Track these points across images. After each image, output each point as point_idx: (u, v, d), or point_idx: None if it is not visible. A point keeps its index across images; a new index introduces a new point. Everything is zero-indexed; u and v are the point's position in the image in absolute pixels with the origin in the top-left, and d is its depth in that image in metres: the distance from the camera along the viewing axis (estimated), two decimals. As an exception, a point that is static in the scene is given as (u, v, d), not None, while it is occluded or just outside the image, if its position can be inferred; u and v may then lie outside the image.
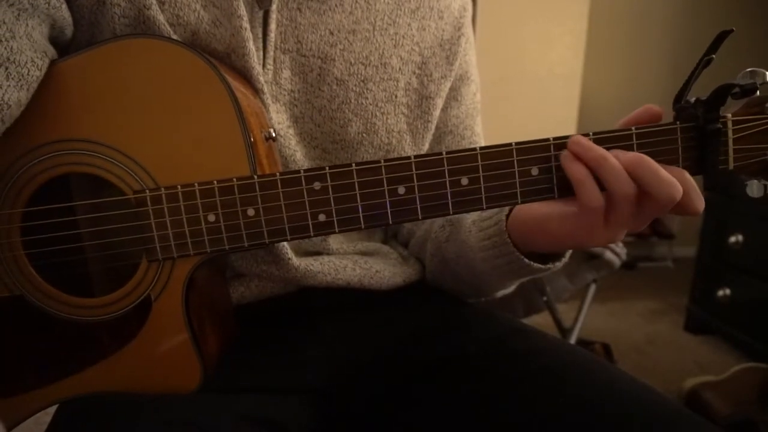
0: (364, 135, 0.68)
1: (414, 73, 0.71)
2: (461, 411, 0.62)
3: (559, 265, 0.65)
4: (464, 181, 0.53)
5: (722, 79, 0.52)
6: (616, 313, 2.69)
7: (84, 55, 0.55)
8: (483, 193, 0.54)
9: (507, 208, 0.62)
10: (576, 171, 0.52)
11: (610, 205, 0.53)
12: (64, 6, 0.55)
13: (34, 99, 0.53)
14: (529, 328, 0.71)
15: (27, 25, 0.52)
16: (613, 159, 0.51)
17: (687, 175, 0.53)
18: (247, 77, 0.61)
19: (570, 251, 0.65)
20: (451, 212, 0.54)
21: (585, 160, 0.52)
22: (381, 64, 0.68)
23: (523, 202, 0.55)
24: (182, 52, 0.54)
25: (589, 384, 0.59)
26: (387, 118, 0.69)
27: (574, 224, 0.55)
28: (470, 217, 0.68)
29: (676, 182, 0.51)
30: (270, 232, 0.54)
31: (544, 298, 1.88)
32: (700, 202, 0.53)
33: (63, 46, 0.60)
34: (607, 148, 0.52)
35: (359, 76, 0.67)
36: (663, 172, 0.51)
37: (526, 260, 0.62)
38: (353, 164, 0.53)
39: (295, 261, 0.65)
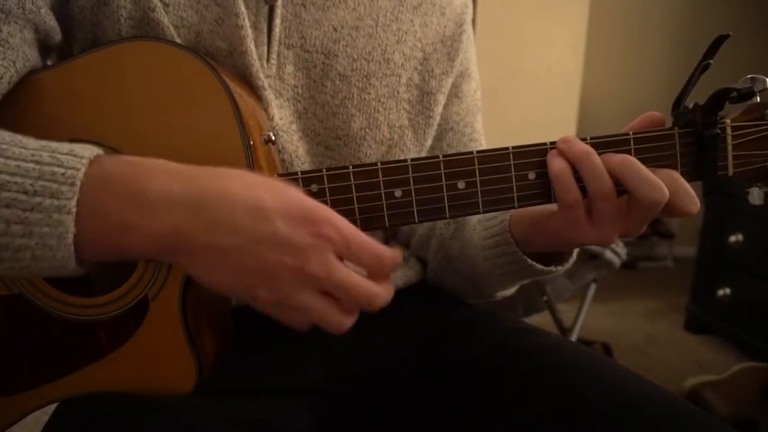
0: (366, 130, 0.69)
1: (416, 68, 0.72)
2: (465, 412, 0.62)
3: (561, 269, 0.65)
4: (461, 184, 0.53)
5: (725, 85, 0.52)
6: (616, 312, 2.69)
7: (85, 58, 0.55)
8: (480, 197, 0.54)
9: None
10: (555, 166, 0.53)
11: (590, 202, 0.53)
12: (44, 10, 0.56)
13: (36, 101, 0.54)
14: (532, 327, 0.71)
15: (1, 30, 0.52)
16: (596, 156, 0.52)
17: (677, 176, 0.53)
18: (247, 75, 0.61)
19: (574, 256, 0.65)
20: (447, 216, 0.54)
21: (568, 155, 0.53)
22: (384, 59, 0.69)
23: (519, 207, 0.55)
24: (182, 55, 0.54)
25: (594, 382, 0.59)
26: (389, 114, 0.70)
27: (560, 220, 0.56)
28: (475, 216, 0.69)
29: (660, 184, 0.51)
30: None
31: (545, 298, 1.88)
32: (691, 204, 0.53)
33: (58, 48, 0.61)
34: (604, 153, 0.53)
35: (362, 71, 0.67)
36: (646, 173, 0.51)
37: (529, 260, 0.62)
38: (350, 166, 0.53)
39: None
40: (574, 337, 1.92)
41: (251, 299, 0.46)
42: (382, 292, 0.46)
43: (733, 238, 2.21)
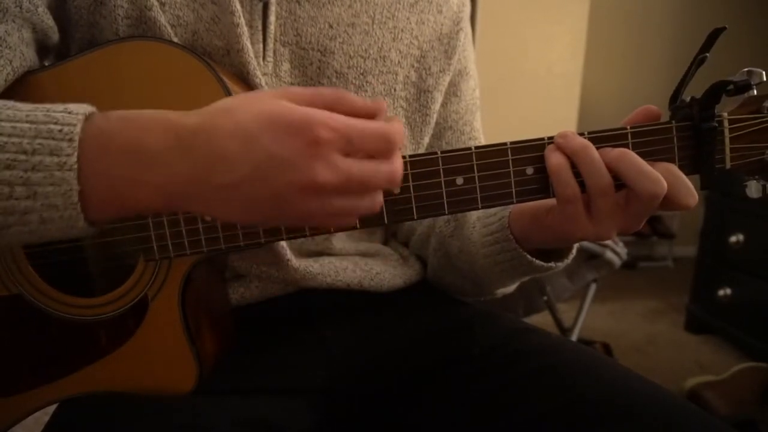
0: None
1: (413, 66, 0.72)
2: (465, 412, 0.62)
3: (561, 265, 0.65)
4: (459, 180, 0.53)
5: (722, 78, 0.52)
6: (616, 313, 2.68)
7: (82, 58, 0.55)
8: (478, 192, 0.54)
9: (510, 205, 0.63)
10: (553, 160, 0.53)
11: (589, 196, 0.53)
12: (41, 9, 0.56)
13: (34, 102, 0.54)
14: (532, 327, 0.71)
15: None
16: (594, 150, 0.52)
17: (674, 168, 0.53)
18: (244, 74, 0.61)
19: (574, 252, 0.65)
20: (446, 212, 0.54)
21: (566, 150, 0.53)
22: (380, 57, 0.69)
23: (518, 202, 0.55)
24: (179, 54, 0.54)
25: (595, 381, 0.59)
26: (386, 112, 0.70)
27: (558, 215, 0.55)
28: (475, 213, 0.69)
29: (659, 177, 0.51)
30: (266, 231, 0.54)
31: (545, 298, 1.88)
32: (689, 197, 0.52)
33: (56, 49, 0.61)
34: (602, 147, 0.53)
35: (358, 69, 0.67)
36: (645, 166, 0.51)
37: (528, 257, 0.62)
38: None
39: (294, 262, 0.65)
40: (574, 337, 1.91)
41: (281, 225, 0.44)
42: (397, 167, 0.44)
43: (733, 238, 2.20)
